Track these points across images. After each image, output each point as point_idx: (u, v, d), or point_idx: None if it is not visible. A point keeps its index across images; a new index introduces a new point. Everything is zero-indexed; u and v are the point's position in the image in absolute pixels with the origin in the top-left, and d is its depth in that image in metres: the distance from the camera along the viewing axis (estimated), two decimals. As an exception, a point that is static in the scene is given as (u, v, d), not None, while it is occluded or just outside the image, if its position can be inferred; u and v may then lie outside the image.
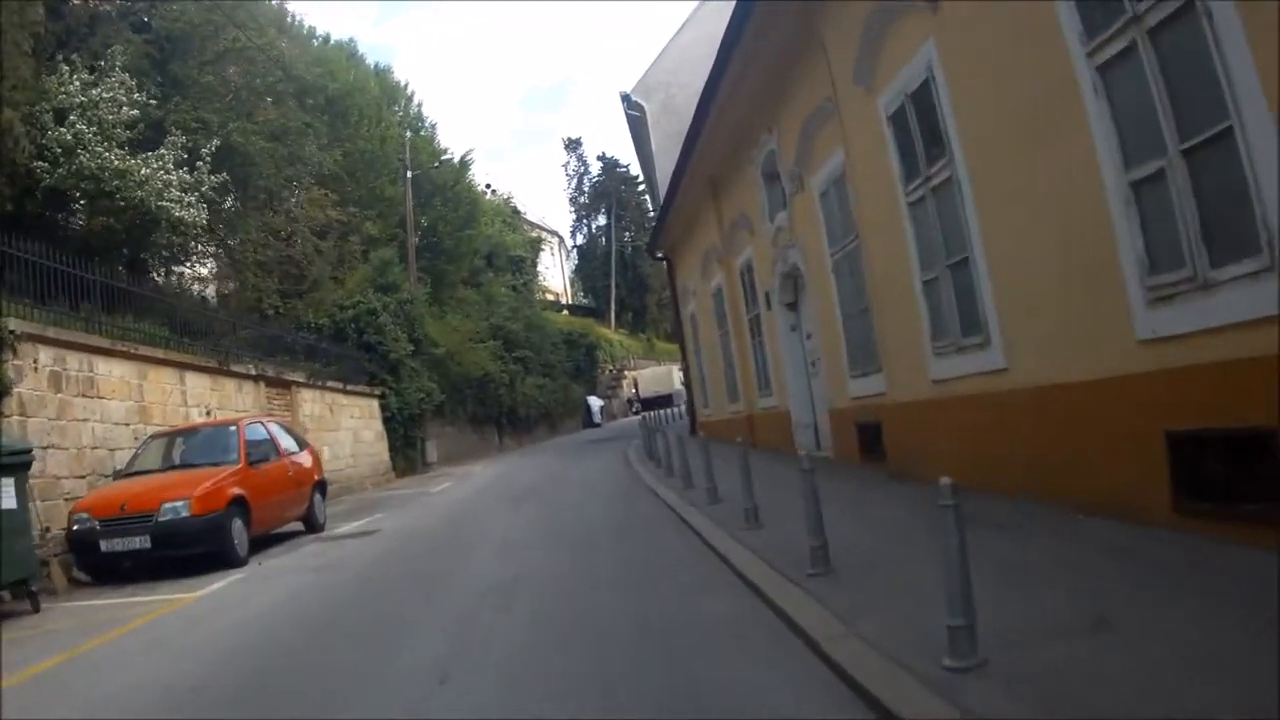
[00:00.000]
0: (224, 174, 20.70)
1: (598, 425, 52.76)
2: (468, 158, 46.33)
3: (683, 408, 49.95)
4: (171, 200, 18.88)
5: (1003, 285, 7.76)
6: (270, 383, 19.54)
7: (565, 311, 69.59)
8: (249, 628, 7.67)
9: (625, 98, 30.06)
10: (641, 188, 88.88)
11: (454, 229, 43.13)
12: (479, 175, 54.14)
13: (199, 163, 20.36)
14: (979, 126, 7.73)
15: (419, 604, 7.70)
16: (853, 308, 12.10)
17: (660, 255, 27.26)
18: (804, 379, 15.59)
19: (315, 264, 29.21)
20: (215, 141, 21.02)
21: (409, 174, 31.35)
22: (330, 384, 23.12)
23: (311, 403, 21.66)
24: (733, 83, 14.31)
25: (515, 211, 70.08)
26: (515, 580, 8.16)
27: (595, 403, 55.12)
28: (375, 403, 26.46)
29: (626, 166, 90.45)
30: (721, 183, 18.75)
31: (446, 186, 43.77)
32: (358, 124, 36.61)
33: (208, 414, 16.55)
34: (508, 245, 59.23)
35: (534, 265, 65.93)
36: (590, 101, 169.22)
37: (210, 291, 29.13)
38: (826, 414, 13.98)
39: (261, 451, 12.87)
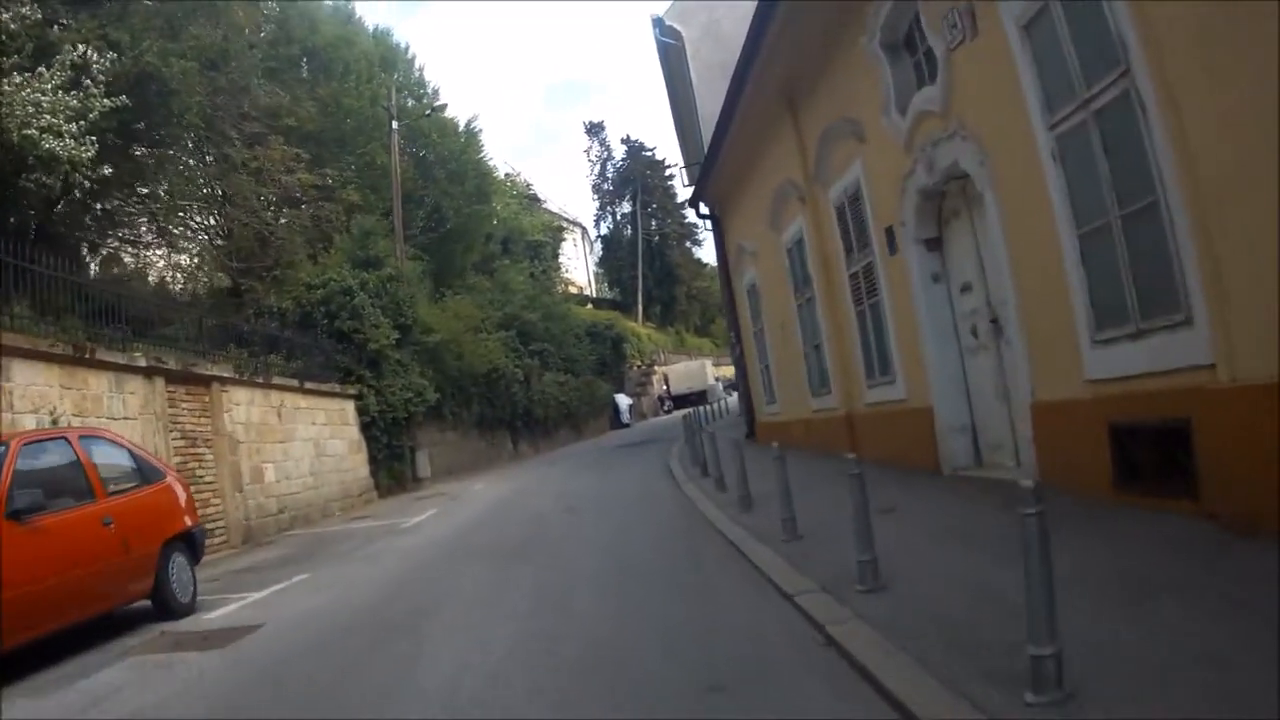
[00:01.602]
0: (123, 99, 15.35)
1: (627, 425, 47.26)
2: (473, 125, 40.63)
3: (720, 404, 44.39)
4: (42, 129, 13.89)
5: None
6: (175, 379, 13.95)
7: (590, 305, 63.64)
8: None
9: (658, 22, 24.47)
10: (669, 171, 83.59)
11: (460, 204, 37.59)
12: (495, 158, 48.84)
13: (86, 80, 15.12)
14: None
15: None
16: (1106, 210, 6.34)
17: (705, 212, 21.58)
18: (955, 355, 9.96)
19: (281, 235, 23.79)
20: (112, 55, 15.67)
21: (394, 124, 25.60)
22: (279, 382, 17.58)
23: (247, 406, 16.09)
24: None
25: (534, 198, 64.39)
26: None
27: (624, 401, 49.38)
28: (349, 405, 20.90)
29: (653, 150, 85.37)
30: (803, 89, 13.05)
31: (450, 157, 38.31)
32: (344, 78, 31.21)
33: (53, 422, 11.04)
34: (525, 230, 53.57)
35: (555, 253, 60.15)
36: (609, 98, 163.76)
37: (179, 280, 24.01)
38: (1024, 409, 8.20)
39: (41, 492, 7.23)
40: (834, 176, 12.47)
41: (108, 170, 15.69)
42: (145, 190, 19.98)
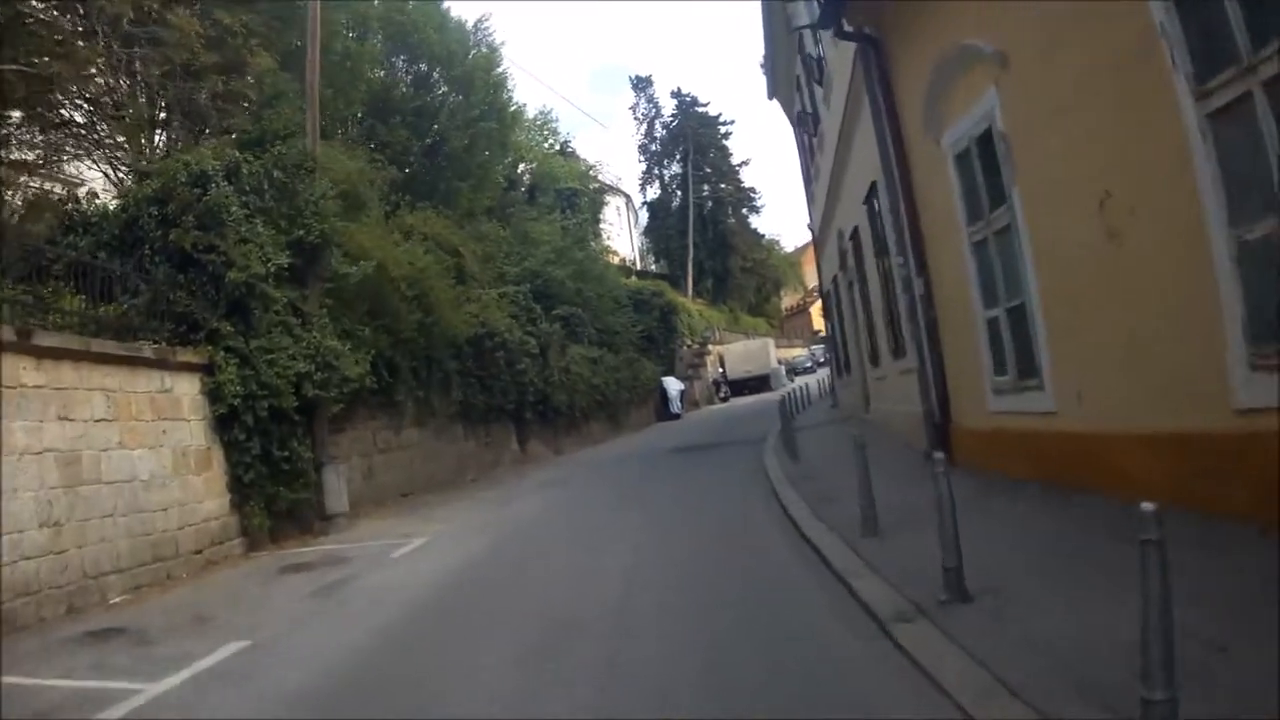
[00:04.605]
0: None
1: (676, 416, 38.07)
2: (485, 25, 31.05)
3: (796, 390, 33.68)
4: None
5: None
6: None
7: (634, 278, 53.66)
8: None
9: None
10: (725, 129, 74.14)
11: (462, 122, 28.03)
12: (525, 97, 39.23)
13: None
14: None
15: None
16: None
17: (849, 30, 11.67)
18: None
19: (133, 109, 14.42)
20: None
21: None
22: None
23: None
24: None
25: (571, 155, 54.27)
26: None
27: (674, 386, 39.95)
28: (188, 383, 11.32)
29: (706, 105, 75.49)
30: None
31: (454, 61, 28.78)
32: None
33: None
34: (557, 176, 43.77)
35: (595, 211, 49.98)
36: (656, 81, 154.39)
37: None
38: None
39: None
40: None
41: None
42: None
